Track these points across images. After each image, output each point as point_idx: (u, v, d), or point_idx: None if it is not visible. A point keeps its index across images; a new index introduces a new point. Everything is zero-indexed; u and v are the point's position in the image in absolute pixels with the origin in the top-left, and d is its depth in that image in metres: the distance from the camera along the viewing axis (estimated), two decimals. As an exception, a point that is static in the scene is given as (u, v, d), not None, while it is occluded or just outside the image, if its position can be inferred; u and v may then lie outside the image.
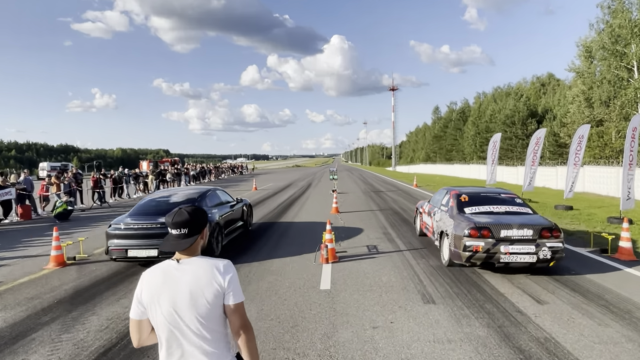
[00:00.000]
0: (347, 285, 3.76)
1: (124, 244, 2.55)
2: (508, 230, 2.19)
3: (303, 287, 3.72)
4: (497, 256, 2.24)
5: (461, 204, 2.91)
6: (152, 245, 2.57)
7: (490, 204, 2.77)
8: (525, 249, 2.12)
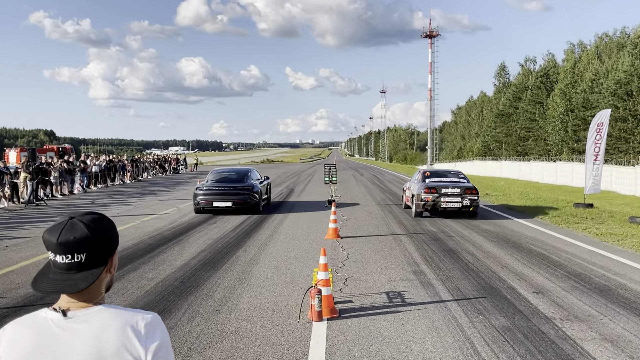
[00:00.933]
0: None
1: (209, 199, 7.48)
2: (446, 189, 6.33)
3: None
4: (439, 204, 6.38)
5: (424, 177, 7.45)
6: (227, 199, 7.64)
7: (443, 177, 7.29)
8: (455, 200, 6.38)
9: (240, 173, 11.58)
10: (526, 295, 5.16)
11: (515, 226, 9.96)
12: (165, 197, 16.47)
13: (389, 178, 28.55)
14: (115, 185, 21.70)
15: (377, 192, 18.19)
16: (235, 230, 9.48)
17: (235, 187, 10.93)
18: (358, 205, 13.54)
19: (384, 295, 5.13)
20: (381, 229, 9.65)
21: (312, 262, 6.62)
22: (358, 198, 15.70)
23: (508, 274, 6.08)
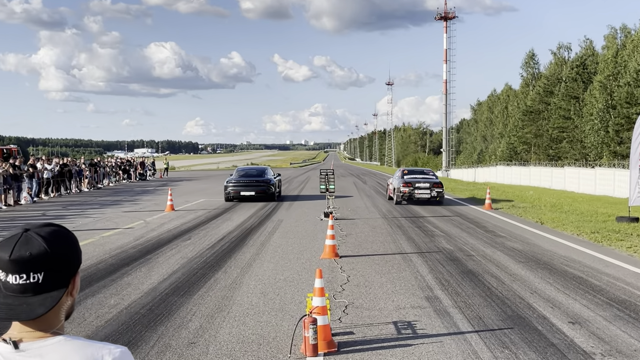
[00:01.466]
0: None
1: (238, 189, 15.35)
2: (419, 184, 14.43)
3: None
4: (414, 195, 14.43)
5: (403, 174, 15.80)
6: (251, 189, 15.47)
7: (418, 174, 15.79)
8: (425, 192, 14.47)
9: (259, 170, 18.91)
10: (560, 326, 5.18)
11: (547, 244, 10.03)
12: (130, 208, 16.47)
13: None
14: (71, 193, 21.66)
15: (382, 203, 18.26)
16: (214, 248, 9.49)
17: (257, 180, 17.53)
18: (360, 219, 13.61)
19: (391, 325, 5.13)
20: (388, 246, 9.68)
21: (305, 286, 6.63)
22: (360, 210, 15.77)
23: (539, 301, 6.11)
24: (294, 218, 13.78)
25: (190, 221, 13.18)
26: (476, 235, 10.95)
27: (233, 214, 14.89)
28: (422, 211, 15.52)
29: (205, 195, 21.67)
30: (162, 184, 30.36)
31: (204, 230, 11.55)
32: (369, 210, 15.84)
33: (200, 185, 29.48)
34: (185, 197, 20.63)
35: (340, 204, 17.10)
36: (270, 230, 11.65)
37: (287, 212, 15.32)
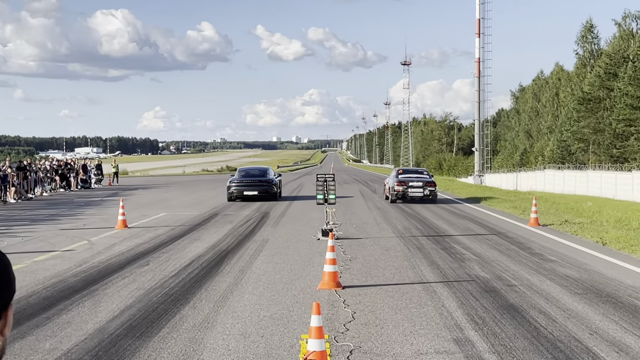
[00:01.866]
0: None
1: (241, 189, 22.01)
2: (412, 182, 21.30)
3: None
4: (407, 194, 21.08)
5: (398, 174, 23.16)
6: (254, 189, 22.36)
7: (411, 174, 23.62)
8: (419, 190, 21.17)
9: (262, 170, 25.52)
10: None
11: (611, 270, 10.08)
12: (70, 224, 16.52)
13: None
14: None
15: (398, 216, 18.42)
16: (179, 276, 9.51)
17: (260, 180, 23.24)
18: (368, 238, 13.71)
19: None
20: (405, 273, 9.73)
21: (298, 325, 6.67)
22: (369, 227, 15.88)
23: (600, 344, 6.14)
24: (283, 237, 13.85)
25: (148, 241, 13.26)
26: (519, 259, 11.01)
27: (204, 231, 14.96)
28: (449, 228, 15.63)
29: (169, 207, 21.87)
30: (112, 193, 30.39)
31: (166, 253, 11.59)
32: (380, 226, 15.92)
33: (161, 195, 29.60)
34: (141, 210, 20.74)
35: (343, 219, 17.21)
36: (253, 252, 11.70)
37: (274, 229, 15.39)
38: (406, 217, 18.46)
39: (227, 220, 17.51)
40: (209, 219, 17.70)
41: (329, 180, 13.92)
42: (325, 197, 13.87)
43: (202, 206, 22.51)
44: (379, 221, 17.19)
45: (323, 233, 13.37)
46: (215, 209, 21.14)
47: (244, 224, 16.56)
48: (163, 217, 18.30)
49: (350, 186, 37.91)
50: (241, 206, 22.43)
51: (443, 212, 20.30)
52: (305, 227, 15.62)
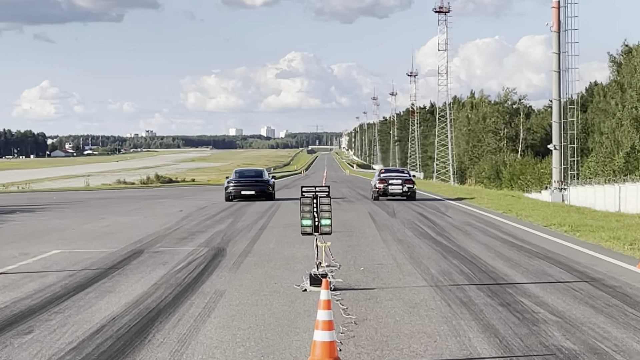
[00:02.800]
0: None
1: (239, 189, 40.84)
2: (392, 180, 42.51)
3: None
4: (388, 191, 41.76)
5: (380, 173, 47.99)
6: (251, 189, 41.40)
7: (392, 172, 48.66)
8: (398, 188, 41.72)
9: (257, 171, 44.59)
10: None
11: None
12: None
13: (459, 220, 29.34)
14: None
15: (430, 254, 18.62)
16: (82, 350, 9.40)
17: (257, 181, 41.12)
18: (385, 289, 13.82)
19: None
20: (443, 344, 9.75)
21: None
22: (385, 270, 16.02)
23: None
24: (247, 287, 13.98)
25: (31, 295, 13.32)
26: (625, 322, 10.97)
27: (121, 279, 15.03)
28: (513, 272, 15.70)
29: (64, 241, 21.92)
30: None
31: (60, 314, 11.60)
32: (403, 269, 16.04)
33: (52, 222, 29.80)
34: (20, 245, 20.78)
35: (344, 258, 17.38)
36: (200, 312, 11.77)
37: (234, 275, 15.44)
38: (444, 254, 18.64)
39: (158, 260, 17.62)
40: (129, 259, 17.79)
41: (322, 197, 13.99)
42: (316, 223, 13.93)
43: (117, 239, 22.57)
44: (402, 261, 17.30)
45: (312, 280, 13.40)
46: (140, 243, 21.25)
47: (186, 266, 16.70)
48: (55, 257, 18.32)
49: (353, 206, 38.52)
50: (182, 238, 22.71)
51: (503, 246, 20.48)
52: (284, 271, 15.76)
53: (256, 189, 37.95)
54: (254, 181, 38.62)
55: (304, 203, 14.06)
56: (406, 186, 40.10)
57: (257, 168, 41.35)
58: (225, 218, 31.23)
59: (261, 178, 40.56)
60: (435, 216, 32.01)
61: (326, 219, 13.98)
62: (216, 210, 36.51)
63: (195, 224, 28.24)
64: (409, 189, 40.56)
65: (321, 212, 13.95)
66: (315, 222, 13.97)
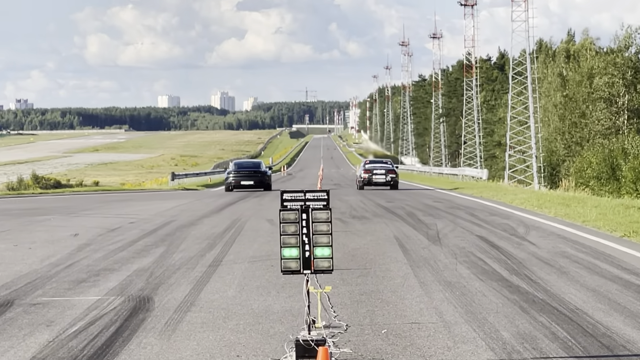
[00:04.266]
0: None
1: (238, 179, 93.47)
2: (376, 170, 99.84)
3: None
4: (372, 180, 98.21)
5: (365, 163, 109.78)
6: (249, 179, 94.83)
7: (377, 163, 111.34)
8: (381, 177, 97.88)
9: (255, 163, 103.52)
10: None
11: None
12: None
13: (547, 249, 29.39)
14: None
15: (501, 304, 18.59)
16: None
17: (256, 171, 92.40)
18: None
19: None
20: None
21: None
22: (421, 335, 16.02)
23: None
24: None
25: None
26: None
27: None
28: (637, 334, 15.68)
29: None
30: None
31: None
32: (455, 332, 16.11)
33: None
34: None
35: (353, 313, 17.48)
36: None
37: (168, 343, 15.47)
38: (523, 305, 18.64)
39: (38, 317, 17.69)
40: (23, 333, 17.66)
41: (317, 210, 13.94)
42: (307, 255, 13.90)
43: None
44: (452, 318, 17.32)
45: (301, 351, 13.41)
46: (7, 290, 21.37)
47: (86, 327, 16.72)
48: None
49: (370, 226, 38.77)
50: (78, 280, 22.78)
51: (623, 293, 20.44)
52: (252, 336, 15.89)
53: (255, 179, 67.28)
54: (252, 172, 67.54)
55: (285, 220, 14.01)
56: (389, 176, 74.99)
57: (255, 160, 68.57)
58: (151, 246, 31.35)
59: (259, 169, 73.56)
60: (508, 242, 32.21)
61: (324, 247, 13.94)
62: (137, 233, 36.85)
63: (100, 257, 28.24)
64: (392, 179, 77.75)
65: (316, 235, 13.91)
66: (306, 252, 13.94)
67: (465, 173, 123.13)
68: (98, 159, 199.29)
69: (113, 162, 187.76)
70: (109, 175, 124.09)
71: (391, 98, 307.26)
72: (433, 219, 41.69)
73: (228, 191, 72.27)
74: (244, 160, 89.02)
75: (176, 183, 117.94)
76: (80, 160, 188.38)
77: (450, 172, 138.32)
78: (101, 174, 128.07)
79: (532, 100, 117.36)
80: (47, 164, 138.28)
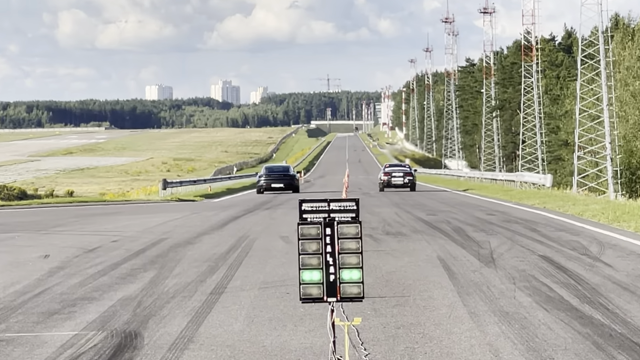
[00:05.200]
0: None
1: (269, 181, 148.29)
2: (395, 173, 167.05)
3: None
4: (391, 182, 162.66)
5: (385, 167, 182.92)
6: (280, 182, 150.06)
7: (395, 167, 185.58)
8: (400, 179, 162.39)
9: (284, 167, 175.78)
10: None
11: None
12: None
13: (626, 271, 29.47)
14: None
15: (571, 340, 18.51)
16: None
17: (285, 175, 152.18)
18: None
19: None
20: None
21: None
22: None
23: None
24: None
25: None
26: None
27: None
28: None
29: None
30: None
31: None
32: None
33: None
34: None
35: (389, 352, 17.43)
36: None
37: None
38: (597, 341, 18.46)
39: (2, 359, 17.67)
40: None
41: (344, 224, 13.92)
42: (332, 279, 13.91)
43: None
44: (510, 357, 17.22)
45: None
46: None
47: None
48: None
49: (408, 245, 38.80)
50: (50, 312, 22.76)
51: None
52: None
53: (284, 182, 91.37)
54: (282, 175, 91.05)
55: (305, 236, 14.01)
56: (406, 178, 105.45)
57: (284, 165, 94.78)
58: (139, 270, 31.37)
59: (288, 173, 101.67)
60: (578, 263, 32.15)
61: (353, 270, 13.94)
62: (121, 253, 36.86)
63: (77, 284, 28.21)
64: (409, 181, 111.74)
65: (342, 254, 13.90)
66: (331, 275, 13.94)
67: (524, 179, 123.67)
68: (72, 164, 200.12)
69: (91, 167, 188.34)
70: (85, 184, 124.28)
71: (432, 88, 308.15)
72: (485, 236, 41.70)
73: (259, 194, 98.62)
74: (274, 165, 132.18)
75: (169, 193, 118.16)
76: (51, 166, 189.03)
77: (505, 177, 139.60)
78: (76, 182, 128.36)
79: (606, 90, 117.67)
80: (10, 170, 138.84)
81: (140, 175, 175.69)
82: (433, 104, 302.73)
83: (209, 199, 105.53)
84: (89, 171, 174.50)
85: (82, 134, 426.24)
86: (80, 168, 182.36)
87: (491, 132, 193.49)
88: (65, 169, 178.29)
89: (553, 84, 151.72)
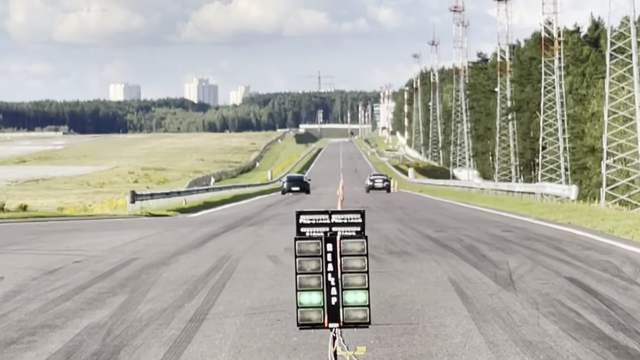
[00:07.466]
0: None
1: (290, 185, 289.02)
2: (377, 180, 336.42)
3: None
4: (374, 186, 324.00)
5: (370, 176, 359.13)
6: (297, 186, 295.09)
7: (377, 176, 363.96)
8: (380, 184, 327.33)
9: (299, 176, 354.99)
10: None
11: None
12: None
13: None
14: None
15: None
16: None
17: (301, 181, 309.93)
18: None
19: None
20: None
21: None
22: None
23: None
24: None
25: None
26: None
27: None
28: None
29: None
30: None
31: None
32: None
33: None
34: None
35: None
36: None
37: None
38: None
39: None
40: None
41: (348, 239, 13.98)
42: (334, 302, 13.96)
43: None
44: None
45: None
46: None
47: None
48: None
49: (415, 265, 39.03)
50: (6, 342, 22.62)
51: None
52: None
53: (301, 186, 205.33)
54: (299, 181, 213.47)
55: (303, 254, 14.04)
56: (384, 183, 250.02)
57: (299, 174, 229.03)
58: (107, 294, 31.41)
59: (303, 180, 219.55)
60: (610, 286, 32.30)
61: (358, 291, 13.97)
62: (86, 275, 36.99)
63: (37, 309, 28.30)
64: (386, 185, 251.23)
65: (346, 274, 13.94)
66: (332, 297, 13.98)
67: (545, 191, 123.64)
68: (26, 174, 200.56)
69: (47, 177, 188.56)
70: (41, 197, 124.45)
71: (439, 86, 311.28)
72: (503, 255, 41.78)
73: (283, 194, 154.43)
74: (292, 175, 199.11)
75: (138, 207, 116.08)
76: (1, 176, 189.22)
77: (523, 189, 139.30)
78: (30, 194, 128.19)
79: (638, 89, 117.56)
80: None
81: (104, 186, 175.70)
82: (440, 105, 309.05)
83: (184, 213, 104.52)
84: (45, 182, 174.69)
85: (37, 139, 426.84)
86: (34, 179, 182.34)
87: (507, 138, 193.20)
88: (17, 179, 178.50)
89: (578, 82, 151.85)
